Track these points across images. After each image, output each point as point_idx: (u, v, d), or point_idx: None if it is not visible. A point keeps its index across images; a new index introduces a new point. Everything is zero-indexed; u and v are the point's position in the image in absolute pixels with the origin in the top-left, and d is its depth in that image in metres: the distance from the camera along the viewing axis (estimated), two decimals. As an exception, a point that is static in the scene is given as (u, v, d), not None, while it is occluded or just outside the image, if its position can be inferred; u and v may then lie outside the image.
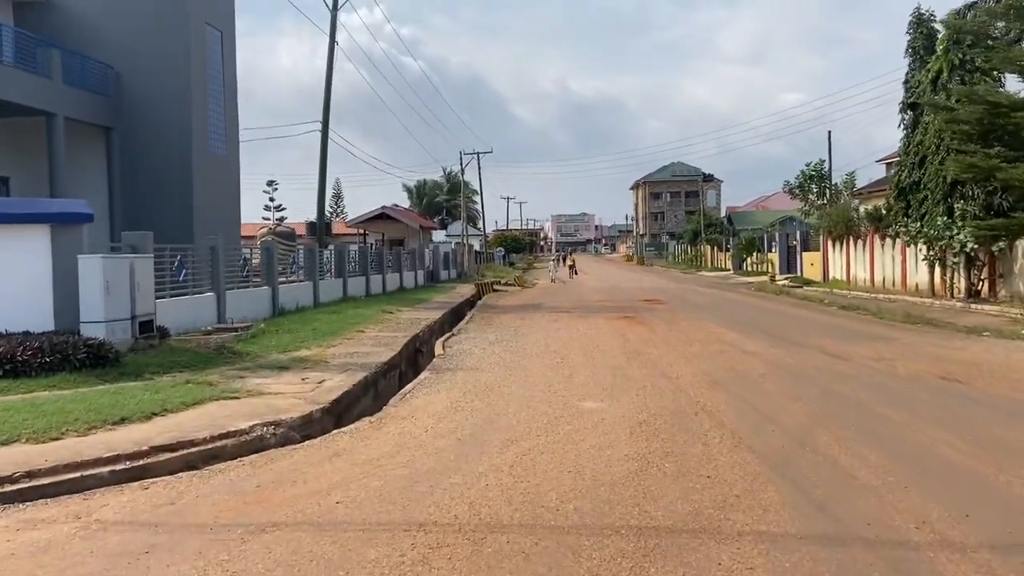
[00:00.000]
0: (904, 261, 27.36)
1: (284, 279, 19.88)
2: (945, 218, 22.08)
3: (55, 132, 18.53)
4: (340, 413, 8.48)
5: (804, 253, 42.10)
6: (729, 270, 56.97)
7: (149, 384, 8.75)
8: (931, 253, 23.32)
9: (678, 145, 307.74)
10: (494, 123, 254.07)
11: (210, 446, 6.32)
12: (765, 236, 53.25)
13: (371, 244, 41.74)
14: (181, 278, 14.03)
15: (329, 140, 26.86)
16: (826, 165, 39.59)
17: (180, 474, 5.57)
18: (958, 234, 21.43)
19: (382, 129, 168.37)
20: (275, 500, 4.93)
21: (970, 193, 20.68)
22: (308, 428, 7.44)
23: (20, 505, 4.98)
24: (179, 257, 13.99)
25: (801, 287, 34.07)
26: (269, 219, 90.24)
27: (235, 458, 6.19)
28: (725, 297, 29.15)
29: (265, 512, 4.68)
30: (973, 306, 20.73)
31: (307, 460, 5.96)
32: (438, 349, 12.93)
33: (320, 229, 27.48)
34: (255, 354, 11.52)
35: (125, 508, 4.88)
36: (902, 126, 26.15)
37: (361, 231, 43.86)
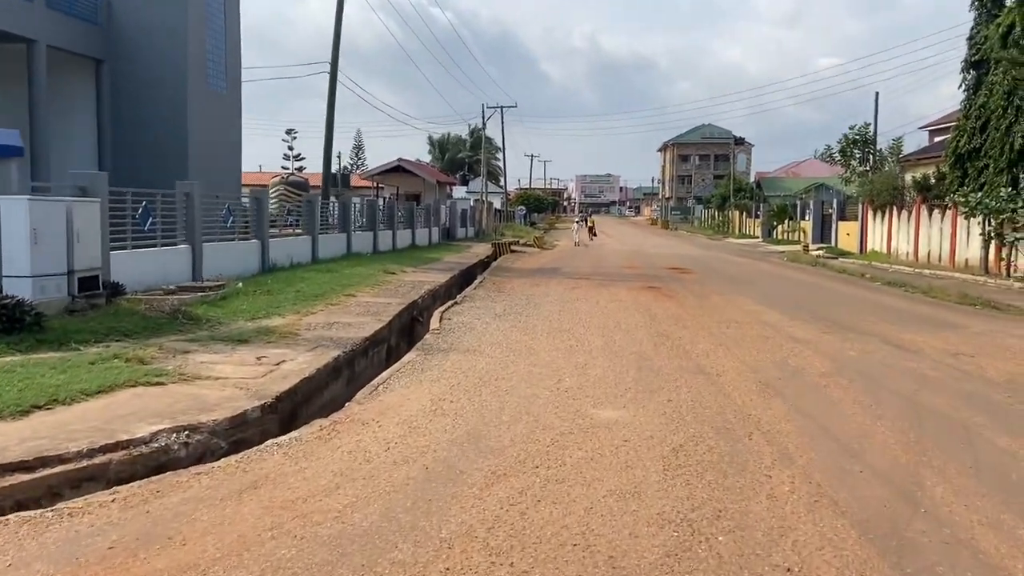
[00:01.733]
0: (954, 234, 25.13)
1: (278, 232, 18.16)
2: (1009, 189, 19.84)
3: (36, 61, 16.79)
4: (293, 408, 6.77)
5: (840, 222, 39.78)
6: (758, 237, 54.60)
7: (64, 358, 7.06)
8: (990, 227, 21.13)
9: (707, 106, 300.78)
10: (523, 80, 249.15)
11: (85, 464, 4.61)
12: (798, 203, 50.77)
13: (384, 198, 39.91)
14: (147, 227, 12.31)
15: (341, 86, 24.90)
16: (871, 129, 36.92)
17: (8, 517, 3.87)
18: (1023, 207, 19.25)
19: (411, 82, 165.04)
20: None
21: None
22: (240, 432, 5.74)
23: None
24: (144, 203, 12.25)
25: (837, 258, 31.93)
26: (288, 168, 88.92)
27: (115, 483, 4.49)
28: (757, 268, 27.09)
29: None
30: (1034, 287, 18.69)
31: (207, 495, 4.23)
32: (434, 322, 11.15)
33: (326, 179, 25.66)
34: (217, 320, 9.82)
35: None
36: (963, 87, 23.77)
37: (376, 184, 41.95)
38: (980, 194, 20.79)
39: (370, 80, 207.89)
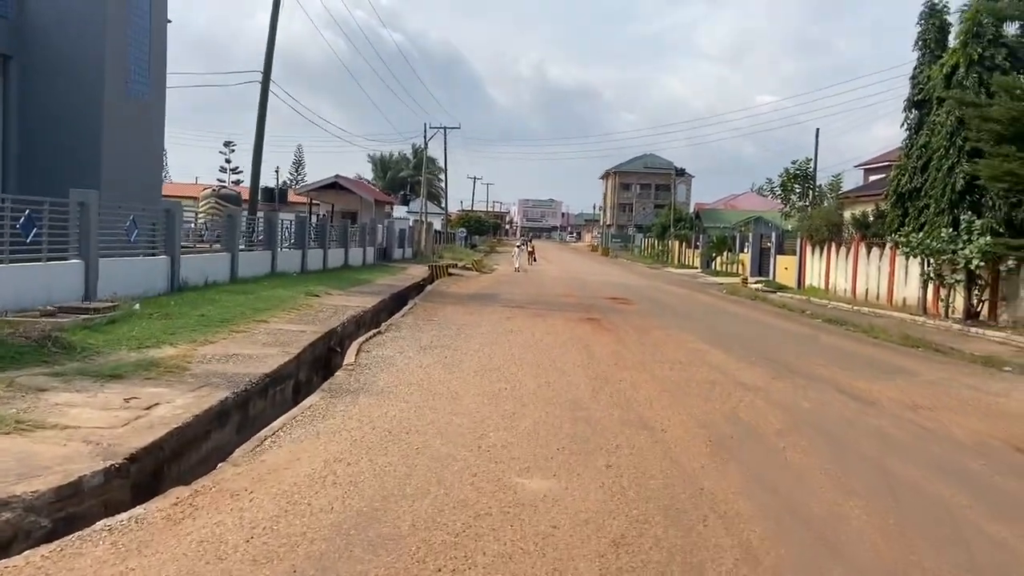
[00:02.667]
0: (892, 273, 25.14)
1: (193, 247, 16.72)
2: (950, 230, 19.75)
3: (-68, 53, 15.11)
4: (157, 468, 5.56)
5: (778, 256, 39.96)
6: (697, 268, 54.78)
7: None
8: (929, 268, 21.04)
9: (650, 136, 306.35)
10: (470, 103, 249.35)
11: None
12: (737, 236, 51.09)
13: (318, 215, 38.45)
14: (29, 239, 10.86)
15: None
16: (811, 165, 37.27)
17: None
18: (963, 249, 19.13)
19: (357, 100, 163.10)
20: None
21: (989, 203, 18.31)
22: (72, 505, 4.53)
23: None
24: (27, 212, 10.81)
25: (775, 292, 31.85)
26: (224, 181, 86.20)
27: None
28: (697, 300, 26.63)
29: None
30: (973, 330, 18.51)
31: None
32: (350, 355, 9.99)
33: (253, 193, 24.24)
34: (95, 349, 8.49)
35: None
36: (905, 125, 23.81)
37: (310, 200, 40.43)
38: (921, 234, 20.68)
39: (316, 96, 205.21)
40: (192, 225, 20.69)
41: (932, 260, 20.63)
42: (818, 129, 38.87)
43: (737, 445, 6.50)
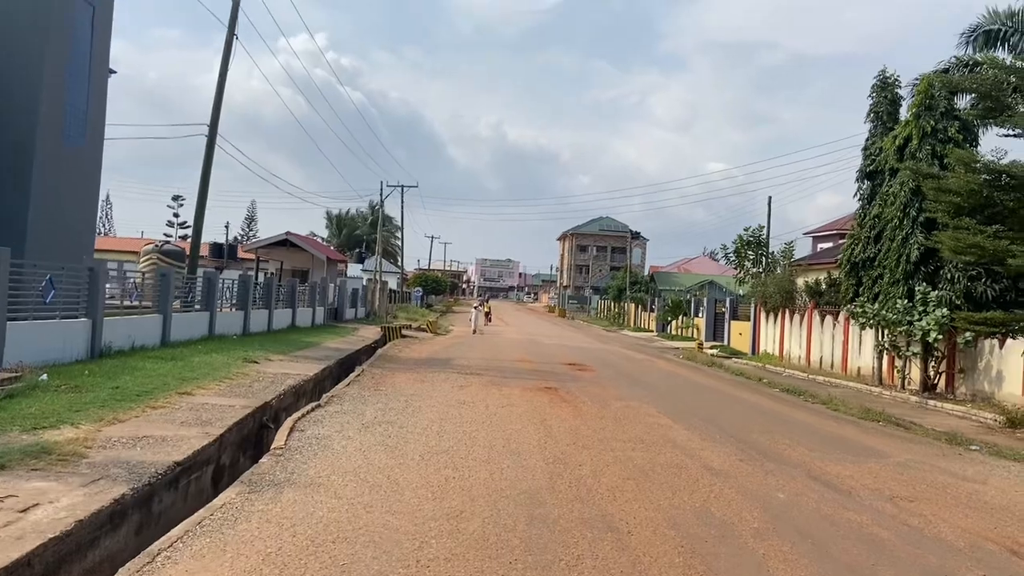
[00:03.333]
0: (846, 342, 25.00)
1: (116, 308, 15.56)
2: (905, 301, 19.61)
3: None
4: (16, 593, 4.55)
5: (732, 321, 39.95)
6: (653, 331, 54.63)
7: None
8: (884, 339, 20.85)
9: (606, 199, 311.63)
10: (429, 162, 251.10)
11: None
12: (692, 300, 51.18)
13: (266, 272, 37.25)
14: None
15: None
16: (764, 232, 37.58)
17: None
18: (919, 320, 18.95)
19: (316, 157, 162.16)
20: None
21: (947, 276, 18.21)
22: None
23: None
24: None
25: (730, 358, 31.61)
26: (171, 236, 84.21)
27: None
28: (655, 366, 26.09)
29: None
30: (931, 403, 18.23)
31: None
32: (281, 435, 9.00)
33: (194, 250, 23.12)
34: (-20, 431, 7.40)
35: None
36: (858, 196, 23.94)
37: (257, 257, 39.22)
38: (877, 305, 20.51)
39: (275, 153, 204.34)
40: (133, 282, 19.51)
41: (887, 331, 20.44)
42: (770, 197, 39.72)
43: (712, 551, 5.71)
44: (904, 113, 22.30)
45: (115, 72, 23.44)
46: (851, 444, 11.86)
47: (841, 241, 44.95)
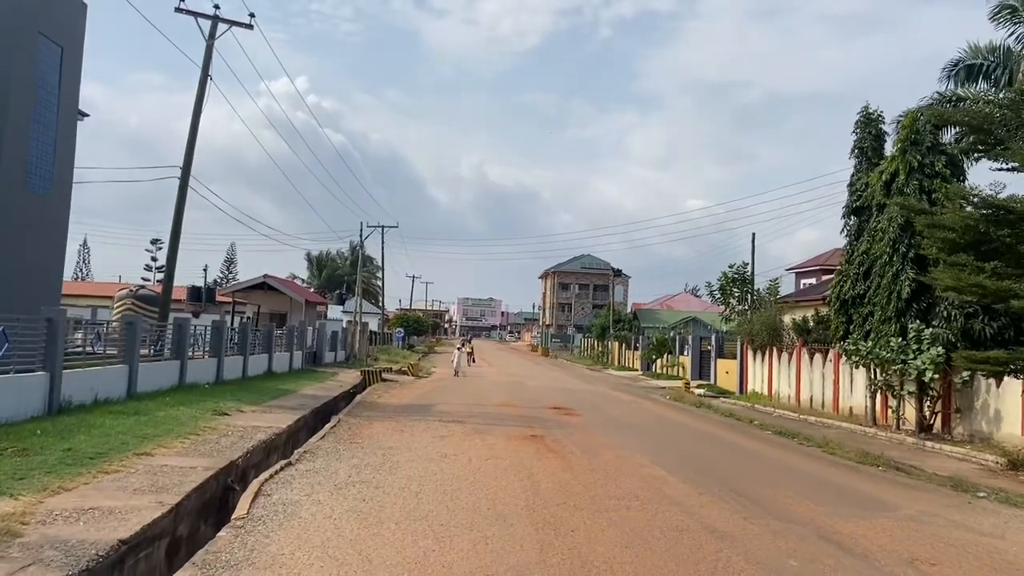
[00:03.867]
0: (837, 381, 24.50)
1: (78, 359, 14.71)
2: (899, 339, 19.15)
3: None
4: None
5: (718, 360, 39.45)
6: (637, 370, 54.02)
7: None
8: (877, 378, 20.34)
9: (587, 238, 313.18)
10: (411, 202, 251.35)
11: None
12: (677, 338, 50.70)
13: (243, 316, 36.37)
14: None
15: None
16: (748, 269, 37.28)
17: None
18: (914, 359, 18.48)
19: (297, 198, 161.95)
20: None
21: (944, 314, 17.77)
22: None
23: None
24: None
25: (718, 398, 31.04)
26: (148, 280, 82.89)
27: None
28: (643, 408, 25.43)
29: None
30: (928, 444, 17.69)
31: None
32: (243, 501, 8.20)
33: (166, 294, 22.32)
34: (-98, 508, 6.59)
35: None
36: (845, 232, 23.62)
37: (233, 301, 38.33)
38: (870, 343, 20.04)
39: (256, 194, 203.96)
40: (96, 332, 18.64)
41: (881, 369, 19.96)
42: (754, 234, 39.45)
43: (729, 643, 5.03)
44: (889, 149, 22.13)
45: (87, 116, 22.88)
46: (857, 495, 11.23)
47: (826, 277, 44.79)
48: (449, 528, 7.58)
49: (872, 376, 20.84)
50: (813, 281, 51.57)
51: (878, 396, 21.27)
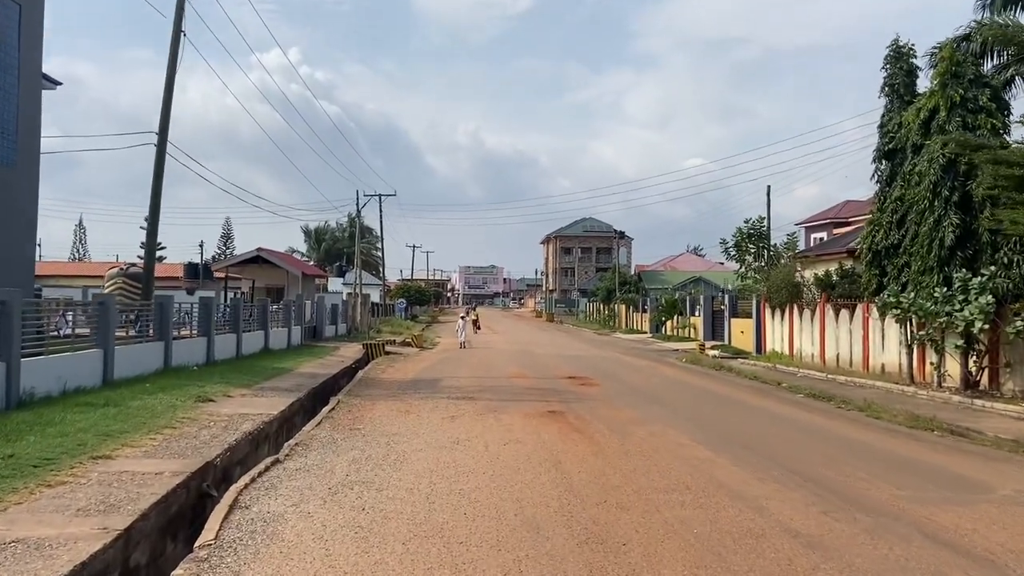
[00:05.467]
0: (866, 337, 22.95)
1: (41, 346, 13.13)
2: (944, 289, 17.55)
3: None
4: None
5: (733, 319, 37.90)
6: (646, 332, 52.55)
7: None
8: (922, 332, 18.77)
9: (587, 200, 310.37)
10: (408, 171, 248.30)
11: None
12: (688, 298, 49.12)
13: (237, 292, 34.79)
14: None
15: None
16: (764, 224, 35.56)
17: None
18: (961, 310, 16.89)
19: (294, 171, 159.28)
20: None
21: (1003, 260, 16.11)
22: None
23: None
24: None
25: (735, 358, 29.55)
26: (142, 259, 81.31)
27: None
28: (661, 374, 23.94)
29: None
30: (977, 402, 16.21)
31: None
32: (214, 519, 6.65)
33: (148, 273, 20.69)
34: None
35: None
36: (875, 178, 21.90)
37: (226, 276, 36.71)
38: (911, 295, 18.44)
39: (254, 168, 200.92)
40: (62, 314, 17.04)
41: (924, 322, 18.39)
42: (769, 187, 37.78)
43: None
44: (923, 85, 20.34)
45: (60, 84, 21.00)
46: (932, 471, 9.71)
47: (838, 231, 43.10)
48: (470, 547, 6.04)
49: (909, 331, 19.30)
50: (823, 236, 49.81)
51: (915, 351, 19.77)
